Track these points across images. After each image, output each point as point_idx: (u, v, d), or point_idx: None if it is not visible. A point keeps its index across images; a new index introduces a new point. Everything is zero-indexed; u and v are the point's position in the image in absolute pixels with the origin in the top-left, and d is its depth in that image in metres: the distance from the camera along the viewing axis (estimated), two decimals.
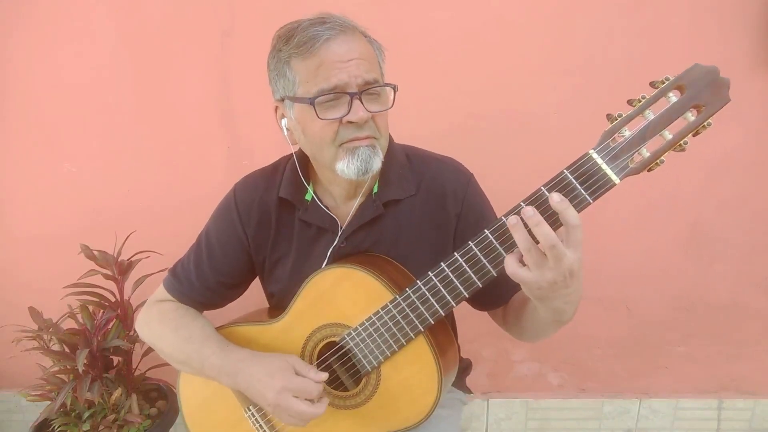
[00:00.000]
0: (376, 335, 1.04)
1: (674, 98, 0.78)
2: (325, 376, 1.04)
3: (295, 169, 1.16)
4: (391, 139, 1.13)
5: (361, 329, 1.05)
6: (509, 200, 0.89)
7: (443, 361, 1.04)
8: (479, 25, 1.70)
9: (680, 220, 1.84)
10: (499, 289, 1.10)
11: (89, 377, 1.60)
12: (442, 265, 0.95)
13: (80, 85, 1.85)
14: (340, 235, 1.14)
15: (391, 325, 1.02)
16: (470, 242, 0.91)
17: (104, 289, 1.73)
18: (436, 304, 0.97)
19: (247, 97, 1.80)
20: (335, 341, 1.10)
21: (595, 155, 0.80)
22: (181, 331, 1.17)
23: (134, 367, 1.79)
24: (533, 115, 1.76)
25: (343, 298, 1.07)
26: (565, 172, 0.81)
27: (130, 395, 1.73)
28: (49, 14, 1.78)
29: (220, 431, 1.23)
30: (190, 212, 1.56)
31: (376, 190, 1.13)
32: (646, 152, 0.79)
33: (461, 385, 1.39)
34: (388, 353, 1.04)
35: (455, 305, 0.97)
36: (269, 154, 1.29)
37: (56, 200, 1.97)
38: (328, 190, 1.16)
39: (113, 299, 1.74)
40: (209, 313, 1.28)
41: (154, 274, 1.73)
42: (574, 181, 0.81)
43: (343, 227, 1.14)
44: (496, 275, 0.91)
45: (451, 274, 0.94)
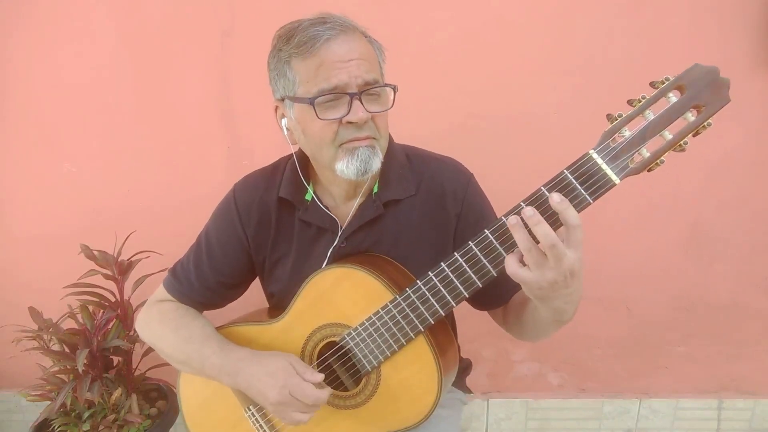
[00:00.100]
0: (376, 335, 1.04)
1: (674, 98, 0.78)
2: (321, 377, 1.04)
3: (295, 169, 1.16)
4: (391, 139, 1.13)
5: (361, 329, 1.05)
6: (509, 200, 0.89)
7: (443, 361, 1.04)
8: (479, 25, 1.70)
9: (680, 220, 1.84)
10: (499, 288, 1.10)
11: (89, 377, 1.60)
12: (442, 265, 0.95)
13: (80, 85, 1.85)
14: (340, 235, 1.14)
15: (391, 325, 1.02)
16: (470, 242, 0.91)
17: (104, 289, 1.73)
18: (436, 304, 0.98)
19: (247, 97, 1.80)
20: (335, 341, 1.10)
21: (595, 155, 0.80)
22: (181, 331, 1.18)
23: (134, 367, 1.79)
24: (533, 115, 1.76)
25: (343, 298, 1.08)
26: (565, 172, 0.81)
27: (130, 395, 1.73)
28: (49, 14, 1.79)
29: (220, 431, 1.23)
30: (190, 212, 1.56)
31: (376, 190, 1.13)
32: (646, 152, 0.79)
33: (461, 385, 1.39)
34: (388, 353, 1.04)
35: (455, 305, 0.97)
36: (269, 154, 1.30)
37: (56, 200, 1.97)
38: (328, 190, 1.16)
39: (113, 299, 1.74)
40: (209, 313, 1.28)
41: (154, 274, 1.73)
42: (574, 181, 0.81)
43: (343, 227, 1.14)
44: (496, 275, 0.91)
45: (451, 274, 0.94)
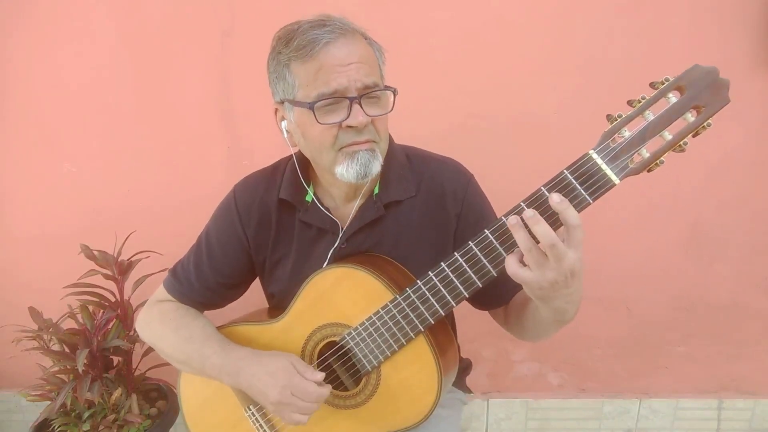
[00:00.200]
0: (376, 335, 1.04)
1: (674, 99, 0.78)
2: (321, 375, 1.04)
3: (294, 170, 1.16)
4: (391, 139, 1.13)
5: (361, 329, 1.05)
6: (509, 200, 0.89)
7: (443, 361, 1.04)
8: (479, 25, 1.70)
9: (680, 220, 1.84)
10: (500, 288, 1.10)
11: (89, 377, 1.60)
12: (442, 265, 0.95)
13: (80, 85, 1.85)
14: (341, 236, 1.14)
15: (391, 324, 1.02)
16: (470, 242, 0.91)
17: (104, 289, 1.73)
18: (436, 304, 0.98)
19: (247, 97, 1.80)
20: (335, 341, 1.10)
21: (595, 155, 0.80)
22: (181, 331, 1.18)
23: (134, 367, 1.79)
24: (533, 115, 1.76)
25: (343, 297, 1.08)
26: (565, 172, 0.81)
27: (130, 395, 1.73)
28: (49, 14, 1.78)
29: (220, 431, 1.23)
30: (190, 212, 1.56)
31: (377, 191, 1.13)
32: (645, 153, 0.80)
33: (461, 385, 1.39)
34: (388, 353, 1.04)
35: (455, 305, 0.97)
36: (269, 154, 1.29)
37: (56, 200, 1.97)
38: (328, 191, 1.16)
39: (113, 299, 1.74)
40: (209, 313, 1.28)
41: (154, 274, 1.73)
42: (574, 181, 0.81)
43: (343, 228, 1.14)
44: (496, 275, 0.91)
45: (451, 274, 0.94)
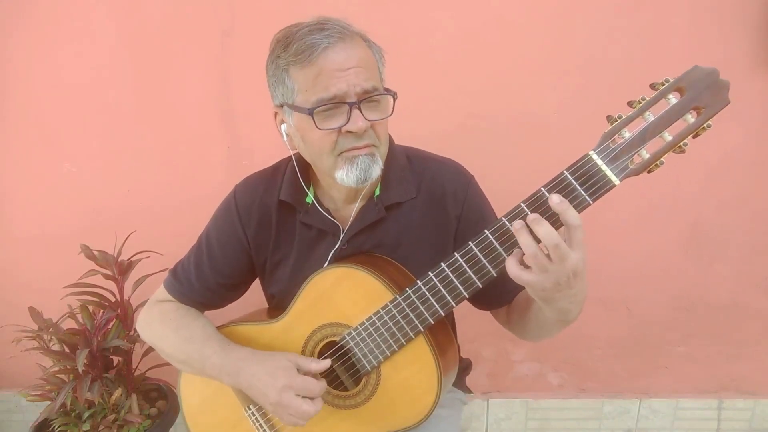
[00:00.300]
0: (376, 335, 1.04)
1: (674, 100, 0.79)
2: (328, 363, 1.04)
3: (294, 172, 1.15)
4: (391, 140, 1.13)
5: (361, 329, 1.05)
6: (509, 200, 0.89)
7: (443, 361, 1.04)
8: (479, 25, 1.70)
9: (680, 220, 1.84)
10: (501, 288, 1.10)
11: (89, 377, 1.60)
12: (442, 265, 0.95)
13: (80, 85, 1.85)
14: (342, 237, 1.14)
15: (391, 324, 1.02)
16: (470, 242, 0.91)
17: (104, 289, 1.73)
18: (436, 304, 0.98)
19: (247, 97, 1.80)
20: (335, 341, 1.10)
21: (595, 156, 0.80)
22: (181, 331, 1.18)
23: (134, 367, 1.79)
24: (533, 115, 1.76)
25: (343, 297, 1.08)
26: (565, 173, 0.81)
27: (130, 395, 1.73)
28: (49, 14, 1.78)
29: (220, 431, 1.23)
30: (190, 212, 1.56)
31: (377, 193, 1.12)
32: (645, 153, 0.80)
33: (461, 384, 1.39)
34: (388, 353, 1.04)
35: (455, 305, 0.97)
36: (269, 154, 1.29)
37: (56, 200, 1.97)
38: (328, 193, 1.16)
39: (113, 299, 1.74)
40: (210, 313, 1.28)
41: (154, 274, 1.73)
42: (574, 182, 0.81)
43: (344, 230, 1.14)
44: (495, 275, 0.91)
45: (451, 274, 0.95)
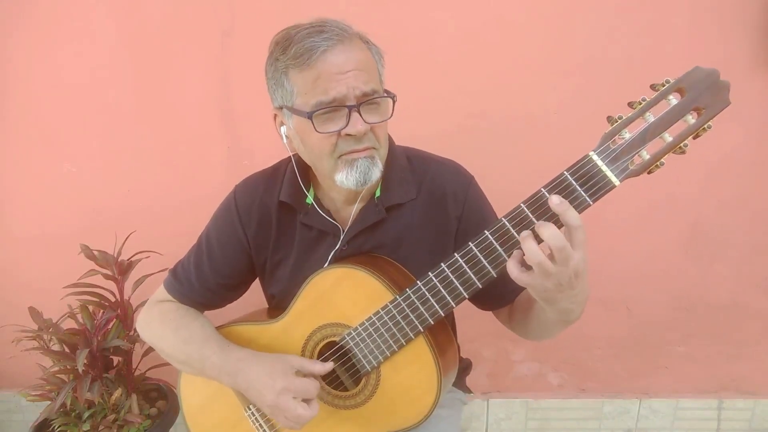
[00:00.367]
0: (376, 335, 1.04)
1: (674, 101, 0.78)
2: (331, 365, 1.05)
3: (294, 173, 1.15)
4: (391, 141, 1.13)
5: (361, 329, 1.05)
6: (509, 200, 0.89)
7: (443, 361, 1.04)
8: (479, 25, 1.70)
9: (680, 220, 1.84)
10: (503, 289, 1.11)
11: (89, 377, 1.60)
12: (442, 265, 0.95)
13: (80, 85, 1.84)
14: (342, 238, 1.14)
15: (391, 325, 1.02)
16: (470, 243, 0.91)
17: (104, 289, 1.73)
18: (435, 304, 0.98)
19: (247, 97, 1.79)
20: (335, 341, 1.10)
21: (595, 157, 0.80)
22: (181, 331, 1.18)
23: (134, 367, 1.79)
24: (533, 115, 1.76)
25: (343, 298, 1.08)
26: (565, 173, 0.81)
27: (130, 395, 1.73)
28: (49, 14, 1.78)
29: (220, 431, 1.23)
30: (190, 212, 1.56)
31: (378, 194, 1.12)
32: (646, 154, 0.80)
33: (461, 385, 1.39)
34: (387, 353, 1.04)
35: (455, 306, 0.97)
36: (269, 154, 1.30)
37: (56, 200, 1.97)
38: (328, 194, 1.16)
39: (113, 299, 1.74)
40: (209, 313, 1.28)
41: (154, 274, 1.73)
42: (574, 182, 0.81)
43: (344, 231, 1.14)
44: (495, 276, 0.91)
45: (451, 274, 0.95)
